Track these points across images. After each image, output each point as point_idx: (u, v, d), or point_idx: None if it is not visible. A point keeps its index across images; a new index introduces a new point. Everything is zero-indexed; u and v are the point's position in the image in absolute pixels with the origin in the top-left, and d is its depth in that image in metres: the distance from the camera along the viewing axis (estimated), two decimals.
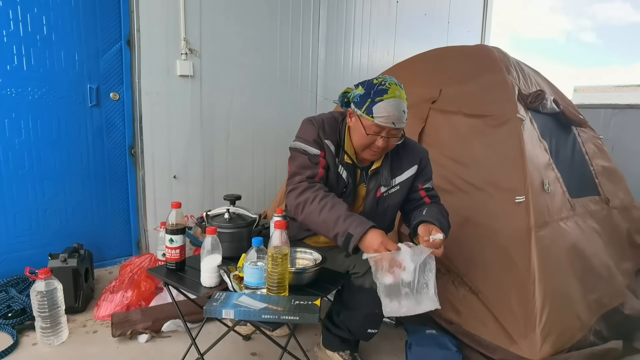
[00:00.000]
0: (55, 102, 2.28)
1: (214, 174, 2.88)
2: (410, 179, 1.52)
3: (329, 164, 1.46)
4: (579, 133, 2.60)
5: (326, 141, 1.45)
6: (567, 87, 4.90)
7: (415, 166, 1.53)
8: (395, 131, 1.36)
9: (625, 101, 4.02)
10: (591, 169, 2.51)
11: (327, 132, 1.47)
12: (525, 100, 2.07)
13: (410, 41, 4.27)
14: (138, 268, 2.13)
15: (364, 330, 1.54)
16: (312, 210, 1.34)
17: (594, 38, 9.99)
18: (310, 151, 1.45)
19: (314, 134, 1.46)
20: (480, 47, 2.59)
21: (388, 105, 1.32)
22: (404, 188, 1.53)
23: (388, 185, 1.49)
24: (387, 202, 1.53)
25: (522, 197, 1.75)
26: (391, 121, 1.32)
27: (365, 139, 1.38)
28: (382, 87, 1.34)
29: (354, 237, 1.26)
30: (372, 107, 1.33)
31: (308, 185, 1.39)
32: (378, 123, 1.33)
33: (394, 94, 1.33)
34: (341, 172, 1.48)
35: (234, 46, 2.84)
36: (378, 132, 1.35)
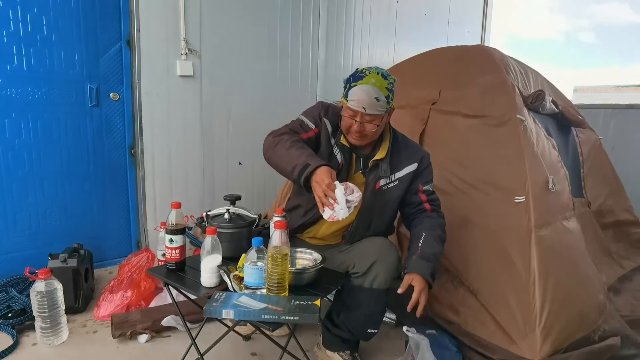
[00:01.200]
0: (55, 102, 2.28)
1: (214, 174, 2.88)
2: (409, 176, 1.54)
3: (321, 141, 1.52)
4: (577, 134, 2.60)
5: (325, 119, 1.52)
6: (566, 87, 4.91)
7: (415, 164, 1.55)
8: (368, 117, 1.40)
9: (625, 101, 4.03)
10: (581, 171, 2.51)
11: (329, 114, 1.54)
12: (526, 100, 2.07)
13: (410, 41, 4.27)
14: (136, 267, 2.13)
15: (364, 330, 1.55)
16: (282, 145, 1.41)
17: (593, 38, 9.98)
18: (306, 122, 1.53)
19: (315, 112, 1.54)
20: (479, 48, 2.59)
21: (360, 90, 1.38)
22: (402, 184, 1.54)
23: (387, 177, 1.51)
24: (386, 196, 1.54)
25: (522, 198, 1.75)
26: (362, 105, 1.38)
27: (345, 121, 1.45)
28: (360, 74, 1.40)
29: (310, 167, 1.32)
30: (348, 91, 1.41)
31: (288, 134, 1.46)
32: (350, 106, 1.40)
33: (369, 81, 1.38)
34: (336, 152, 1.51)
35: (234, 46, 2.84)
36: (352, 115, 1.41)
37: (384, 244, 1.51)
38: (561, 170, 2.01)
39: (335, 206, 1.30)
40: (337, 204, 1.29)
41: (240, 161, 3.01)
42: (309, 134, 1.51)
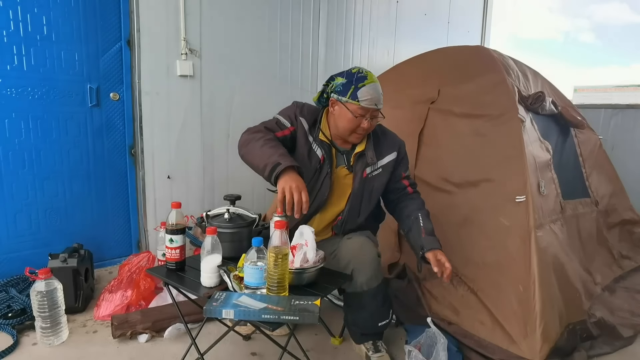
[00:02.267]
0: (55, 102, 2.28)
1: (214, 174, 2.88)
2: (391, 164, 1.65)
3: (297, 139, 1.57)
4: (576, 134, 2.60)
5: (301, 118, 1.59)
6: (566, 87, 4.90)
7: (395, 152, 1.65)
8: (376, 112, 1.51)
9: (625, 101, 4.02)
10: (583, 171, 2.51)
11: (305, 113, 1.61)
12: (526, 101, 2.07)
13: (410, 41, 4.27)
14: (136, 267, 2.13)
15: (375, 325, 1.62)
16: (256, 144, 1.46)
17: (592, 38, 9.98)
18: (282, 120, 1.59)
19: (291, 112, 1.61)
20: (479, 48, 2.59)
21: (370, 88, 1.48)
22: (385, 171, 1.64)
23: (374, 164, 1.61)
24: (372, 183, 1.63)
25: (523, 197, 1.75)
26: (374, 103, 1.48)
27: (353, 123, 1.51)
28: (361, 75, 1.51)
29: (281, 166, 1.35)
30: (356, 92, 1.48)
31: (263, 132, 1.52)
32: (363, 105, 1.48)
33: (373, 79, 1.51)
34: (315, 149, 1.58)
35: (234, 46, 2.84)
36: (364, 114, 1.49)
37: (356, 245, 1.55)
38: (549, 174, 2.02)
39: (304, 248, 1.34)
40: (307, 247, 1.35)
41: (240, 161, 3.00)
42: (284, 132, 1.57)
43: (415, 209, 1.62)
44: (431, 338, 1.56)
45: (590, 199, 2.44)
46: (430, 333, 1.56)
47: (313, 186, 1.58)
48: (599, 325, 1.81)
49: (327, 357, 1.73)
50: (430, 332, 1.55)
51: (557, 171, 2.10)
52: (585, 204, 2.35)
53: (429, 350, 1.54)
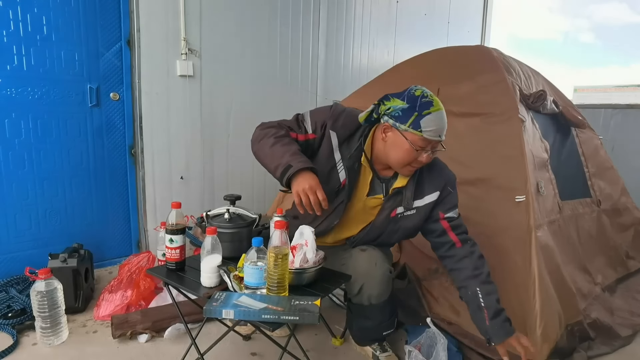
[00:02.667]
0: (55, 102, 2.28)
1: (214, 174, 2.88)
2: (429, 206, 1.43)
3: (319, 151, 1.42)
4: (577, 134, 2.60)
5: (331, 131, 1.40)
6: (566, 87, 4.91)
7: (437, 192, 1.43)
8: (438, 144, 1.32)
9: (625, 101, 4.02)
10: (585, 171, 2.51)
11: (338, 126, 1.41)
12: (527, 100, 2.06)
13: (410, 41, 4.27)
14: (136, 267, 2.13)
15: (379, 334, 1.61)
16: (267, 141, 1.35)
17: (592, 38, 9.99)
18: (306, 121, 1.43)
19: (321, 118, 1.42)
20: (479, 48, 2.59)
21: (436, 117, 1.27)
22: (420, 214, 1.44)
23: (409, 208, 1.42)
24: (400, 224, 1.46)
25: (523, 197, 1.75)
26: (438, 134, 1.29)
27: (410, 155, 1.31)
28: (426, 100, 1.28)
29: (292, 169, 1.27)
30: (419, 120, 1.27)
31: (277, 128, 1.40)
32: (426, 137, 1.27)
33: (439, 106, 1.29)
34: (339, 170, 1.41)
35: (234, 46, 2.84)
36: (424, 146, 1.29)
37: (370, 262, 1.44)
38: (546, 174, 2.01)
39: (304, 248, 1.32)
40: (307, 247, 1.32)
41: (239, 161, 3.00)
42: (300, 137, 1.41)
43: (469, 277, 1.37)
44: (431, 338, 1.56)
45: (592, 198, 2.43)
46: (430, 333, 1.56)
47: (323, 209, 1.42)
48: (594, 326, 1.81)
49: (327, 357, 1.73)
50: (430, 332, 1.55)
51: (555, 171, 2.09)
52: (585, 204, 2.34)
53: (429, 351, 1.54)
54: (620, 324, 1.91)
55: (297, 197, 1.27)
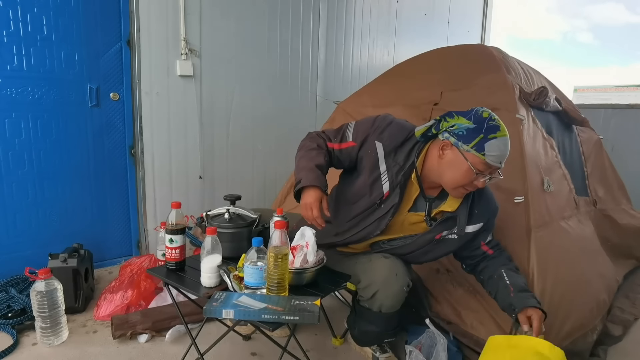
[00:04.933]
0: (55, 102, 2.28)
1: (214, 174, 2.88)
2: (471, 235, 1.43)
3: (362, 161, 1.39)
4: (579, 132, 2.60)
5: (377, 142, 1.36)
6: (566, 87, 4.91)
7: (482, 224, 1.43)
8: (497, 171, 1.29)
9: (625, 101, 4.03)
10: (585, 170, 2.51)
11: (385, 137, 1.36)
12: (529, 98, 2.05)
13: (410, 41, 4.27)
14: (138, 268, 2.13)
15: (380, 340, 1.61)
16: (299, 154, 1.42)
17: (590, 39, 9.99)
18: (349, 130, 1.42)
19: (366, 128, 1.39)
20: (480, 47, 2.59)
21: (501, 143, 1.24)
22: (462, 240, 1.43)
23: (462, 234, 1.40)
24: (439, 246, 1.44)
25: (522, 198, 1.74)
26: (500, 160, 1.26)
27: (467, 177, 1.27)
28: (493, 123, 1.25)
29: (300, 184, 1.33)
30: (484, 143, 1.23)
31: (313, 139, 1.43)
32: (489, 161, 1.24)
33: (505, 132, 1.26)
34: (383, 182, 1.36)
35: (234, 46, 2.84)
36: (484, 170, 1.26)
37: (391, 271, 1.42)
38: (559, 170, 2.00)
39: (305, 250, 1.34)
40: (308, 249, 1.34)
41: (239, 161, 3.01)
42: (335, 146, 1.40)
43: (498, 266, 1.42)
44: (431, 338, 1.56)
45: (589, 198, 2.44)
46: (430, 333, 1.56)
47: (362, 220, 1.43)
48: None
49: (327, 357, 1.73)
50: (430, 332, 1.55)
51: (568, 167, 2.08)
52: (586, 203, 2.35)
53: (429, 351, 1.54)
54: (611, 321, 1.94)
55: (302, 211, 1.33)
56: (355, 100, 2.60)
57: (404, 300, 1.47)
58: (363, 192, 1.39)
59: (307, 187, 1.31)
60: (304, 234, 1.38)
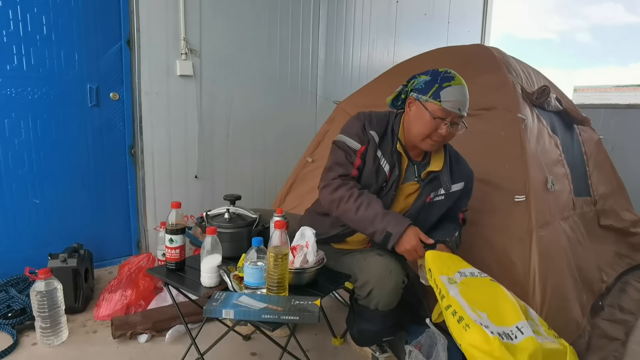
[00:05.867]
0: (55, 102, 2.28)
1: (214, 174, 2.88)
2: (455, 194, 1.52)
3: (366, 158, 1.45)
4: (580, 132, 2.61)
5: (371, 132, 1.45)
6: (565, 87, 4.91)
7: (463, 183, 1.53)
8: (458, 119, 1.37)
9: (625, 101, 4.03)
10: (587, 169, 2.51)
11: (374, 124, 1.46)
12: (531, 97, 2.05)
13: (410, 41, 4.27)
14: (136, 267, 2.13)
15: (379, 339, 1.61)
16: (348, 208, 1.37)
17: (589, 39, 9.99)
18: (350, 144, 1.45)
19: (357, 127, 1.46)
20: (480, 47, 2.59)
21: (456, 90, 1.34)
22: (448, 200, 1.51)
23: (449, 190, 1.48)
24: (432, 209, 1.50)
25: (522, 197, 1.74)
26: (457, 107, 1.34)
27: (430, 125, 1.36)
28: (448, 75, 1.36)
29: (393, 236, 1.33)
30: (439, 91, 1.34)
31: (341, 182, 1.42)
32: (445, 107, 1.33)
33: (461, 82, 1.36)
34: (383, 165, 1.45)
35: (233, 46, 2.84)
36: (444, 117, 1.35)
37: (386, 269, 1.43)
38: (562, 169, 2.00)
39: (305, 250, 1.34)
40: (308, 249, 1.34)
41: (239, 161, 3.01)
42: (357, 163, 1.44)
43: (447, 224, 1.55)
44: (431, 338, 1.56)
45: (591, 198, 2.44)
46: (430, 333, 1.56)
47: None
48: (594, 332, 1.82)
49: (327, 357, 1.73)
50: (430, 332, 1.55)
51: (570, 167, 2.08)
52: (587, 203, 2.35)
53: (429, 351, 1.54)
54: (610, 319, 1.94)
55: (408, 257, 1.38)
56: (355, 100, 2.60)
57: (400, 297, 1.48)
58: (370, 181, 1.45)
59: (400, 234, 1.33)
60: (304, 234, 1.38)
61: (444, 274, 1.25)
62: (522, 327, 1.06)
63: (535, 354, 1.00)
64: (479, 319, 1.09)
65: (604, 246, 2.43)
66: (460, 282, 1.22)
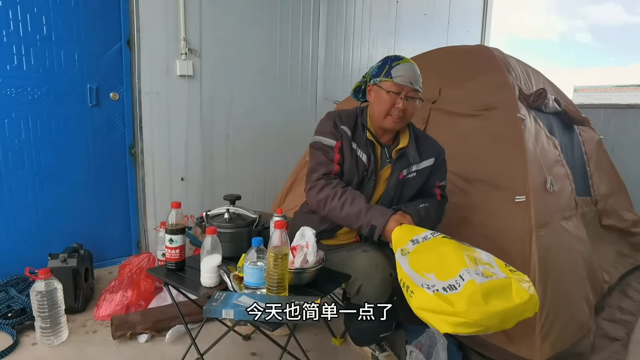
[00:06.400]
0: (55, 102, 2.28)
1: (214, 174, 2.88)
2: (426, 170, 1.58)
3: (344, 153, 1.52)
4: (580, 132, 2.61)
5: (342, 127, 1.52)
6: (565, 87, 4.90)
7: (433, 159, 1.59)
8: (413, 92, 1.46)
9: (625, 101, 4.02)
10: (587, 169, 2.51)
11: (344, 119, 1.54)
12: (528, 99, 2.06)
13: (410, 41, 4.27)
14: (137, 267, 2.13)
15: (377, 336, 1.60)
16: (333, 206, 1.44)
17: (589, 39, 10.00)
18: (326, 142, 1.52)
19: (329, 125, 1.54)
20: (480, 47, 2.59)
21: (405, 66, 1.46)
22: (420, 176, 1.58)
23: (417, 163, 1.55)
24: (406, 186, 1.56)
25: (523, 197, 1.74)
26: (409, 81, 1.44)
27: (387, 102, 1.46)
28: (397, 56, 1.50)
29: (378, 228, 1.38)
30: (390, 70, 1.46)
31: (326, 182, 1.48)
32: (397, 82, 1.44)
33: (408, 60, 1.49)
34: (360, 155, 1.52)
35: (234, 46, 2.84)
36: (398, 91, 1.45)
37: (371, 264, 1.46)
38: (562, 169, 2.00)
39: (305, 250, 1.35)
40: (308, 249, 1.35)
41: (239, 161, 3.00)
42: (336, 159, 1.51)
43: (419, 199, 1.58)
44: (431, 338, 1.56)
45: (592, 197, 2.44)
46: (430, 333, 1.56)
47: None
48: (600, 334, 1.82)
49: (327, 357, 1.73)
50: (430, 332, 1.55)
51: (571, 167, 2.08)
52: (587, 203, 2.35)
53: (429, 351, 1.54)
54: (609, 319, 1.94)
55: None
56: (355, 100, 2.60)
57: (390, 291, 1.49)
58: (352, 173, 1.52)
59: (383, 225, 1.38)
60: (304, 234, 1.38)
61: (400, 246, 1.28)
62: (463, 274, 1.10)
63: (473, 295, 1.04)
64: (426, 281, 1.13)
65: (606, 246, 2.43)
66: (412, 252, 1.25)
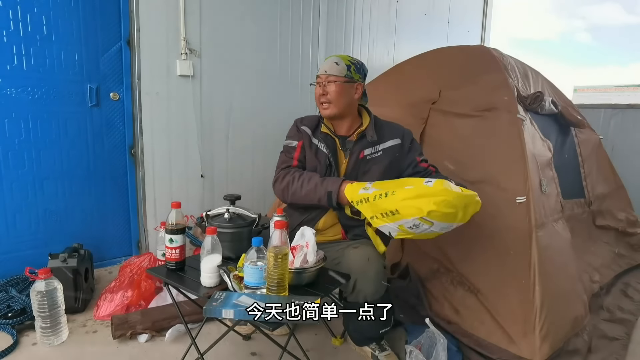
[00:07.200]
0: (55, 102, 2.28)
1: (214, 174, 2.88)
2: (395, 149, 1.63)
3: (305, 147, 1.64)
4: (577, 134, 2.60)
5: (303, 127, 1.66)
6: (565, 87, 4.91)
7: (398, 139, 1.64)
8: (324, 76, 1.58)
9: (625, 101, 4.02)
10: (581, 171, 2.51)
11: (305, 121, 1.68)
12: (524, 101, 2.07)
13: (410, 41, 4.27)
14: (138, 268, 2.13)
15: (377, 333, 1.61)
16: (295, 189, 1.56)
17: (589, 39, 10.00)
18: (290, 144, 1.67)
19: (293, 129, 1.69)
20: (479, 48, 2.59)
21: (324, 62, 1.63)
22: (387, 155, 1.62)
23: (376, 142, 1.61)
24: (370, 165, 1.61)
25: (523, 198, 1.75)
26: (324, 69, 1.58)
27: (314, 94, 1.63)
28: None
29: (333, 192, 1.48)
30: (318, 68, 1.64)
31: (285, 172, 1.62)
32: (316, 75, 1.62)
33: (332, 55, 1.62)
34: (321, 148, 1.62)
35: (234, 46, 2.84)
36: (318, 82, 1.61)
37: (363, 258, 1.49)
38: (550, 173, 2.01)
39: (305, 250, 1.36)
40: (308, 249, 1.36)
41: (239, 161, 3.01)
42: (296, 155, 1.64)
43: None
44: (431, 338, 1.56)
45: (585, 199, 2.44)
46: (430, 333, 1.56)
47: None
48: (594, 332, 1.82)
49: (327, 357, 1.73)
50: (430, 332, 1.55)
51: (557, 170, 2.09)
52: (579, 205, 2.36)
53: (429, 350, 1.55)
54: (609, 320, 1.94)
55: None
56: None
57: (385, 286, 1.51)
58: (314, 164, 1.62)
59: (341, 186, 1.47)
60: (304, 234, 1.38)
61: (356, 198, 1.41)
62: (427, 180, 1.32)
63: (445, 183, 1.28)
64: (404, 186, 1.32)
65: (601, 246, 2.43)
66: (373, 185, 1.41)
